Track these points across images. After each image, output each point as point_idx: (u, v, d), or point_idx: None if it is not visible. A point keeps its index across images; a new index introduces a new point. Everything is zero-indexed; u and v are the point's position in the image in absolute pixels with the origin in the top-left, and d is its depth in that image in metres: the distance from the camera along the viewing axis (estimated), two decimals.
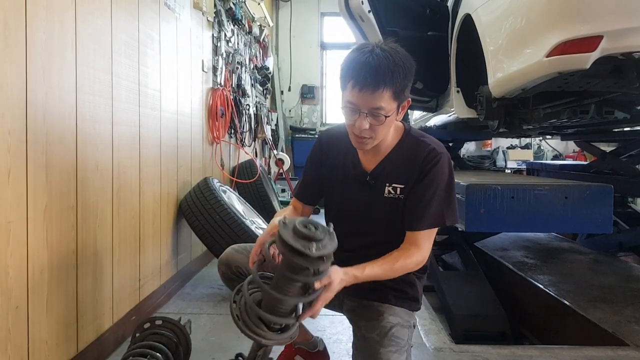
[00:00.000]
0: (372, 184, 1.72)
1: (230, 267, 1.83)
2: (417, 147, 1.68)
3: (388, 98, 1.52)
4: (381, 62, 1.50)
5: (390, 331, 1.65)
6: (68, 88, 1.98)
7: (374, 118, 1.55)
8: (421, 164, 1.65)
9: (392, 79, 1.50)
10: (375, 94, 1.51)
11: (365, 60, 1.51)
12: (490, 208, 2.43)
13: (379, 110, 1.53)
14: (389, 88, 1.51)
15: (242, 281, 1.79)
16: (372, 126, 1.56)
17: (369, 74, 1.50)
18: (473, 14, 2.86)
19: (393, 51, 1.54)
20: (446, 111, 3.92)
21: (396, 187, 1.69)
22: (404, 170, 1.68)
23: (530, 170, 5.59)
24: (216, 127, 4.32)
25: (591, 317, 2.61)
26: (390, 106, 1.54)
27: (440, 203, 1.65)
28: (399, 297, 1.75)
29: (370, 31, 3.71)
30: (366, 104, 1.53)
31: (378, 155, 1.72)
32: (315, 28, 9.06)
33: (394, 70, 1.50)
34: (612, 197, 2.43)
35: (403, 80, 1.53)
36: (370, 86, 1.50)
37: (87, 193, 2.14)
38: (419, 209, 1.65)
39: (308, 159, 1.92)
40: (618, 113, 2.85)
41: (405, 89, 1.56)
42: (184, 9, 3.51)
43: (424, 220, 1.65)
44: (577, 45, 2.05)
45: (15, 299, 1.67)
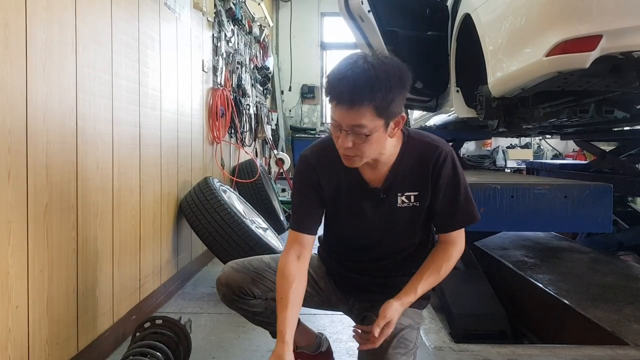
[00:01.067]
0: (384, 199, 1.66)
1: (231, 288, 1.76)
2: (423, 150, 1.63)
3: (370, 115, 1.40)
4: (360, 77, 1.38)
5: (400, 333, 1.63)
6: (68, 88, 1.98)
7: (356, 136, 1.44)
8: (432, 168, 1.61)
9: (371, 95, 1.38)
10: (351, 111, 1.40)
11: (344, 74, 1.41)
12: (490, 207, 2.43)
13: (360, 128, 1.42)
14: (368, 104, 1.39)
15: (244, 301, 1.77)
16: (355, 144, 1.46)
17: (346, 89, 1.39)
18: (472, 13, 2.86)
19: (379, 63, 1.42)
20: (446, 111, 3.92)
21: (410, 196, 1.64)
22: (415, 177, 1.63)
23: (530, 169, 5.59)
24: (216, 127, 4.32)
25: (591, 316, 2.62)
26: (374, 124, 1.42)
27: (464, 201, 1.65)
28: None
29: (370, 31, 3.71)
30: (345, 121, 1.43)
31: (382, 167, 1.63)
32: (316, 28, 9.06)
33: (374, 85, 1.38)
34: (611, 196, 2.43)
35: (386, 95, 1.40)
36: (347, 103, 1.40)
37: (87, 193, 2.14)
38: (448, 212, 1.65)
39: (298, 186, 1.76)
40: (618, 112, 2.85)
41: (391, 104, 1.42)
42: (184, 9, 3.51)
43: (457, 222, 1.67)
44: (577, 45, 2.05)
45: (15, 298, 1.68)
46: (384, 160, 1.61)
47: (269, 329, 1.93)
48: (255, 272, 1.79)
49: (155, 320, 2.09)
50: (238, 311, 1.84)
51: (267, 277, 1.78)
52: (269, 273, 1.79)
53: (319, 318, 2.69)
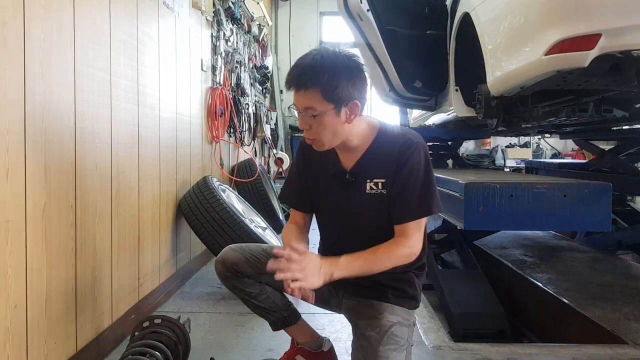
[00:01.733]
0: (352, 182, 1.74)
1: (226, 265, 1.84)
2: (393, 139, 1.71)
3: (318, 98, 1.57)
4: (308, 63, 1.58)
5: (389, 329, 1.66)
6: (66, 87, 1.98)
7: (309, 118, 1.61)
8: (397, 155, 1.67)
9: (315, 79, 1.56)
10: (300, 93, 1.59)
11: (297, 63, 1.62)
12: (489, 206, 2.43)
13: (311, 110, 1.59)
14: (315, 88, 1.56)
15: (237, 279, 1.83)
16: (311, 127, 1.63)
17: (295, 74, 1.60)
18: (472, 12, 2.86)
19: (329, 54, 1.60)
20: (445, 110, 3.92)
21: (377, 182, 1.71)
22: (382, 165, 1.70)
23: (529, 168, 5.59)
24: (215, 127, 4.32)
25: (590, 315, 2.62)
26: (323, 107, 1.57)
27: (423, 192, 1.67)
28: (398, 295, 1.76)
29: (369, 30, 3.71)
30: (299, 104, 1.61)
31: (356, 153, 1.74)
32: (315, 27, 9.07)
33: (317, 70, 1.56)
34: (610, 195, 2.43)
35: (330, 80, 1.55)
36: (295, 85, 1.60)
37: (86, 192, 2.14)
38: (403, 201, 1.67)
39: (294, 167, 1.96)
40: (617, 111, 2.85)
41: (337, 89, 1.56)
42: (183, 8, 3.50)
43: (410, 211, 1.67)
44: (576, 44, 2.05)
45: (14, 298, 1.67)
46: (356, 146, 1.72)
47: (268, 319, 1.95)
48: (250, 253, 1.86)
49: (154, 320, 2.09)
50: (234, 291, 1.89)
51: (262, 260, 1.81)
52: (264, 257, 1.83)
53: (318, 317, 2.69)
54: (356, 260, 1.61)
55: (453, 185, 2.68)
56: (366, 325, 1.70)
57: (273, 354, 2.28)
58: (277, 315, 1.94)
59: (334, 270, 1.57)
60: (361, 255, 1.62)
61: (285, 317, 1.94)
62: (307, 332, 2.04)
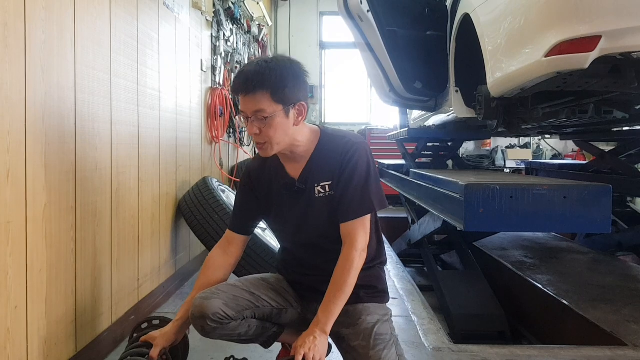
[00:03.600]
0: (302, 189, 1.77)
1: (207, 317, 1.70)
2: (335, 143, 1.75)
3: (267, 100, 1.61)
4: (254, 69, 1.63)
5: (373, 331, 1.69)
6: (67, 88, 1.98)
7: (259, 121, 1.63)
8: (340, 157, 1.72)
9: (265, 81, 1.60)
10: (249, 97, 1.62)
11: (242, 69, 1.67)
12: (489, 208, 2.43)
13: (260, 113, 1.62)
14: (263, 90, 1.60)
15: (224, 327, 1.75)
16: (261, 130, 1.65)
17: (243, 79, 1.63)
18: (472, 13, 2.86)
19: (272, 59, 1.67)
20: (445, 111, 3.92)
21: (324, 185, 1.74)
22: (327, 167, 1.74)
23: (529, 169, 5.59)
24: (215, 127, 4.32)
25: (590, 316, 2.62)
26: (272, 108, 1.62)
27: (365, 190, 1.71)
28: (369, 294, 1.78)
29: (369, 31, 3.71)
30: (248, 108, 1.64)
31: (301, 161, 1.78)
32: (315, 27, 9.06)
33: (264, 73, 1.61)
34: (611, 196, 2.42)
35: (278, 81, 1.61)
36: (243, 90, 1.63)
37: (86, 193, 2.14)
38: (346, 200, 1.70)
39: (237, 191, 2.00)
40: (617, 113, 2.85)
41: (284, 90, 1.62)
42: (183, 8, 3.50)
43: (353, 210, 1.70)
44: (576, 45, 2.05)
45: (14, 298, 1.67)
46: (301, 152, 1.76)
47: (259, 342, 1.94)
48: (225, 294, 1.77)
49: (152, 321, 2.09)
50: (222, 338, 1.81)
51: (239, 296, 1.79)
52: (239, 291, 1.80)
53: None
54: (329, 304, 1.65)
55: (453, 187, 2.68)
56: (349, 335, 1.71)
57: (272, 355, 2.28)
58: (267, 334, 1.92)
59: (322, 328, 1.63)
60: (328, 297, 1.66)
61: (274, 332, 1.93)
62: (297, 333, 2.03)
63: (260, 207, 1.91)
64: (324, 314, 1.64)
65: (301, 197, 1.78)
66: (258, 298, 1.83)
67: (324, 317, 1.64)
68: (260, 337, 1.91)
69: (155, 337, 1.82)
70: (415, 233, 4.75)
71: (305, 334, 1.63)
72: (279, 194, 1.83)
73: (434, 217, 4.00)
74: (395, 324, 2.77)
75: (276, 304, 1.86)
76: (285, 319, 1.90)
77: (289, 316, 1.90)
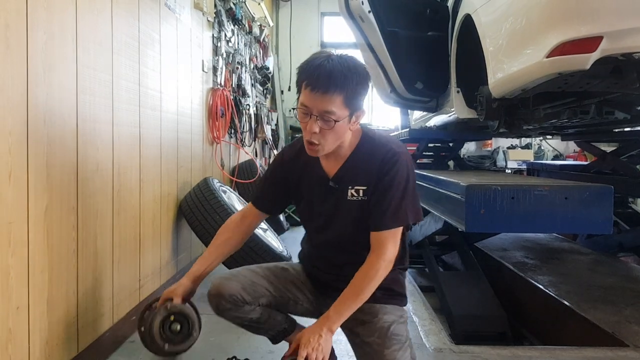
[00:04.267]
0: (335, 188, 1.74)
1: (223, 297, 1.76)
2: (376, 148, 1.71)
3: (339, 103, 1.54)
4: (335, 67, 1.53)
5: (389, 330, 1.66)
6: (68, 88, 1.98)
7: (324, 122, 1.57)
8: (380, 164, 1.67)
9: (344, 84, 1.53)
10: (325, 97, 1.53)
11: (320, 63, 1.55)
12: (490, 208, 2.42)
13: (329, 115, 1.55)
14: (340, 92, 1.53)
15: (237, 308, 1.79)
16: (322, 131, 1.58)
17: (322, 75, 1.52)
18: (473, 14, 2.86)
19: (349, 58, 1.58)
20: (446, 111, 3.92)
21: (359, 190, 1.70)
22: (364, 172, 1.70)
23: (531, 170, 5.58)
24: (216, 127, 4.32)
25: (591, 317, 2.62)
26: (341, 112, 1.56)
27: (401, 202, 1.66)
28: (387, 295, 1.77)
29: (370, 31, 3.71)
30: (317, 107, 1.55)
31: (339, 159, 1.74)
32: (316, 28, 9.06)
33: (347, 75, 1.53)
34: (612, 197, 2.42)
35: (356, 87, 1.55)
36: (322, 88, 1.52)
37: (87, 193, 2.14)
38: (381, 209, 1.66)
39: (268, 168, 1.99)
40: (618, 113, 2.85)
41: (358, 97, 1.58)
42: (184, 9, 3.51)
43: (387, 220, 1.66)
44: (577, 46, 2.05)
45: (16, 299, 1.67)
46: (342, 152, 1.72)
47: (268, 335, 1.94)
48: (244, 278, 1.81)
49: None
50: (234, 321, 1.84)
51: (257, 283, 1.82)
52: (258, 278, 1.83)
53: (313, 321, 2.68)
54: (343, 305, 1.63)
55: (454, 187, 2.67)
56: (364, 331, 1.70)
57: (274, 356, 2.28)
58: (277, 329, 1.92)
59: (330, 326, 1.61)
60: (344, 298, 1.64)
61: (285, 328, 1.93)
62: None
63: (288, 190, 1.89)
64: (336, 312, 1.62)
65: (332, 196, 1.75)
66: (276, 288, 1.85)
67: (334, 315, 1.62)
68: (271, 329, 1.91)
69: (172, 290, 1.85)
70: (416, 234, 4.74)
71: (311, 330, 1.61)
72: (310, 187, 1.81)
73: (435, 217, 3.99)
74: None
75: (292, 296, 1.87)
76: (300, 311, 1.92)
77: (304, 308, 1.91)
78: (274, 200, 1.94)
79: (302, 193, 1.84)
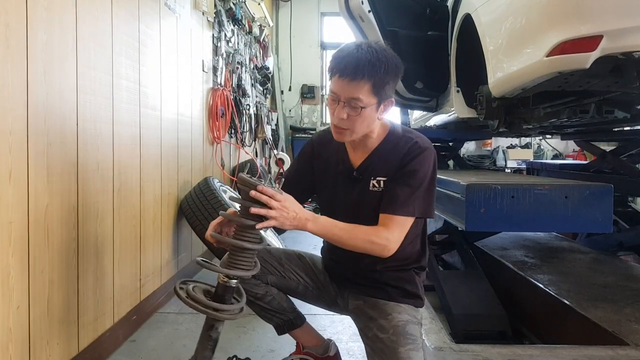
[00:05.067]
0: (359, 179, 1.75)
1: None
2: (401, 140, 1.72)
3: (367, 91, 1.57)
4: (363, 55, 1.56)
5: (404, 329, 1.64)
6: (69, 88, 1.98)
7: (351, 108, 1.59)
8: (403, 155, 1.68)
9: (372, 71, 1.55)
10: (352, 83, 1.56)
11: (349, 51, 1.58)
12: (490, 207, 2.42)
13: (357, 101, 1.58)
14: (368, 80, 1.55)
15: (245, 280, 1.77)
16: (349, 117, 1.61)
17: (350, 63, 1.56)
18: (473, 13, 2.86)
19: (380, 48, 1.59)
20: (446, 111, 3.92)
21: (380, 181, 1.71)
22: (388, 164, 1.71)
23: (530, 169, 5.58)
24: (216, 127, 4.32)
25: (591, 316, 2.61)
26: (369, 99, 1.58)
27: (415, 193, 1.65)
28: (400, 293, 1.76)
29: (370, 31, 3.71)
30: (345, 93, 1.58)
31: (365, 151, 1.75)
32: (316, 28, 9.06)
33: (375, 64, 1.55)
34: (612, 196, 2.42)
35: (384, 75, 1.57)
36: (349, 75, 1.55)
37: (87, 193, 2.14)
38: (395, 194, 1.66)
39: (296, 157, 1.97)
40: (618, 112, 2.85)
41: (386, 86, 1.59)
42: (184, 9, 3.51)
43: (398, 206, 1.65)
44: (577, 45, 2.05)
45: (16, 299, 1.68)
46: (369, 144, 1.74)
47: (273, 321, 1.94)
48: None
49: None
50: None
51: (267, 260, 1.84)
52: (269, 256, 1.85)
53: (319, 318, 2.69)
54: (334, 226, 1.62)
55: (454, 187, 2.67)
56: (378, 326, 1.68)
57: (274, 355, 2.28)
58: (282, 318, 1.93)
59: (310, 222, 1.57)
60: (340, 223, 1.62)
61: (291, 319, 1.94)
62: (313, 336, 2.03)
63: (312, 179, 1.89)
64: (322, 221, 1.60)
65: (355, 186, 1.75)
66: (286, 269, 1.87)
67: (320, 220, 1.59)
68: (276, 316, 1.91)
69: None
70: None
71: (297, 208, 1.56)
72: (334, 177, 1.81)
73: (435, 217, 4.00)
74: None
75: (302, 280, 1.88)
76: (311, 297, 1.92)
77: (314, 295, 1.91)
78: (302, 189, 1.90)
79: (325, 182, 1.84)
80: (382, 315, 1.69)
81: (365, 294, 1.78)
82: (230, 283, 1.56)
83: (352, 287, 1.82)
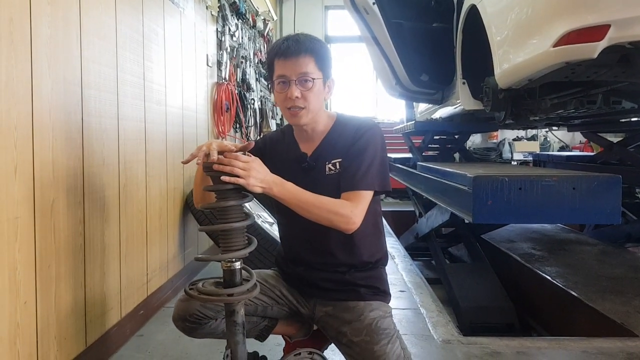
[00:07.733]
0: (313, 166, 1.75)
1: (185, 319, 1.72)
2: (349, 124, 1.76)
3: (313, 65, 1.64)
4: (301, 36, 1.68)
5: (377, 325, 1.65)
6: (73, 83, 1.98)
7: (302, 85, 1.64)
8: (353, 134, 1.72)
9: (313, 47, 1.65)
10: (298, 60, 1.63)
11: (286, 38, 1.68)
12: (497, 199, 2.41)
13: (306, 75, 1.64)
14: (312, 54, 1.64)
15: (203, 326, 1.75)
16: (303, 94, 1.65)
17: (291, 44, 1.64)
18: (478, 4, 2.84)
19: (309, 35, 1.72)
20: (452, 103, 3.90)
21: (335, 162, 1.72)
22: (339, 146, 1.73)
23: (537, 161, 5.56)
24: (221, 122, 4.32)
25: (600, 308, 2.61)
26: (316, 73, 1.65)
27: (370, 166, 1.67)
28: (371, 292, 1.76)
29: (375, 24, 3.70)
30: (294, 71, 1.64)
31: (315, 140, 1.78)
32: (320, 21, 9.04)
33: (312, 40, 1.67)
34: (620, 187, 2.40)
35: (325, 52, 1.68)
36: (294, 53, 1.63)
37: (93, 188, 2.14)
38: (351, 172, 1.67)
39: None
40: (625, 103, 2.83)
41: (327, 61, 1.68)
42: (188, 3, 3.50)
43: (357, 181, 1.65)
44: (584, 35, 2.03)
45: (23, 294, 1.68)
46: (318, 133, 1.77)
47: (251, 336, 1.91)
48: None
49: None
50: (206, 337, 1.81)
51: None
52: None
53: None
54: (301, 193, 1.60)
55: (461, 179, 2.66)
56: (351, 330, 1.67)
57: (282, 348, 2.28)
58: (258, 329, 1.91)
59: (276, 185, 1.56)
60: (307, 192, 1.61)
61: (266, 325, 1.92)
62: (292, 324, 2.01)
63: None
64: (288, 187, 1.59)
65: (310, 173, 1.76)
66: None
67: (284, 185, 1.58)
68: (251, 332, 1.88)
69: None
70: (422, 226, 4.74)
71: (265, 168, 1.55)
72: (289, 169, 1.77)
73: (441, 209, 3.98)
74: (403, 317, 2.78)
75: (259, 302, 1.83)
76: (271, 314, 1.88)
77: (274, 312, 1.87)
78: None
79: (282, 175, 1.75)
80: (355, 316, 1.69)
81: (335, 299, 1.76)
82: (234, 266, 1.56)
83: (320, 294, 1.79)
